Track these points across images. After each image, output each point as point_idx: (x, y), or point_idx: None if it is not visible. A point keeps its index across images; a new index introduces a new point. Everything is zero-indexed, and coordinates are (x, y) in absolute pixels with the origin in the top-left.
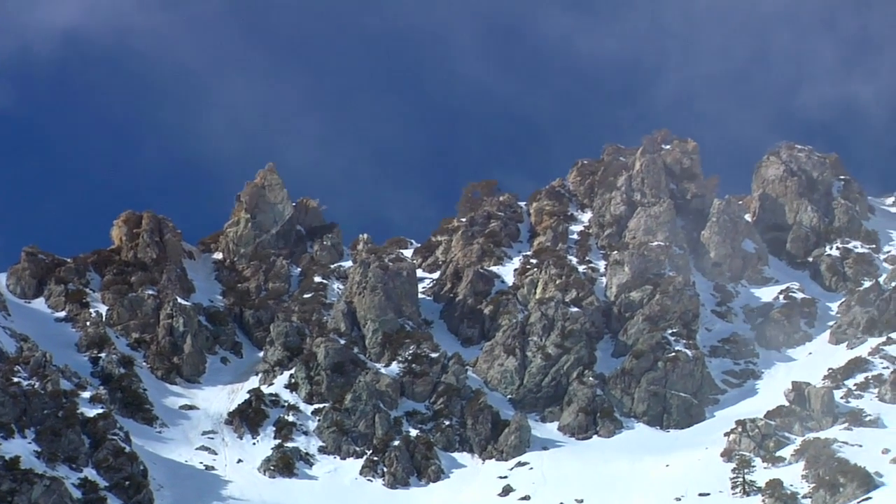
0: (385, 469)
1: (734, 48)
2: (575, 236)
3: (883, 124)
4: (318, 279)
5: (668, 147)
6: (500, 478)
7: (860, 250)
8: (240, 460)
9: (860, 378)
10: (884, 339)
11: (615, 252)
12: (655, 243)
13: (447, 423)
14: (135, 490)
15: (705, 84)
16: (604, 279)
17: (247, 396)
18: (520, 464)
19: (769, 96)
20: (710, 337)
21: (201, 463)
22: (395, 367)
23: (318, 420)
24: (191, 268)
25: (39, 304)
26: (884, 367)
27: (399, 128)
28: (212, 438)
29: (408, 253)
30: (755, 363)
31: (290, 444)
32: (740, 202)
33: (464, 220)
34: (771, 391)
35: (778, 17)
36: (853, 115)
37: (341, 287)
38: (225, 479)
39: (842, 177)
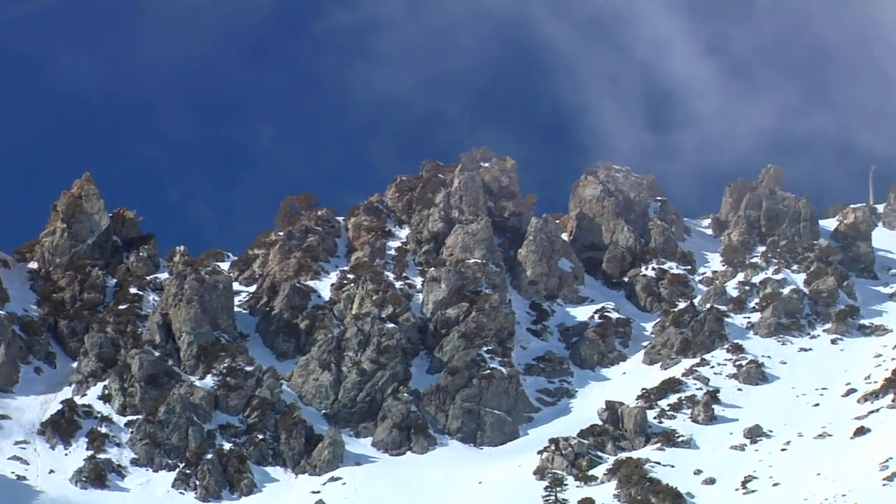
0: (197, 482)
1: None
2: (392, 252)
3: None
4: (133, 290)
5: (486, 165)
6: (313, 492)
7: (676, 271)
8: (52, 471)
9: (673, 399)
10: (697, 360)
11: (432, 269)
12: (472, 260)
13: (261, 436)
14: None
15: None
16: (420, 295)
17: (60, 407)
18: (333, 479)
19: None
20: (526, 355)
21: (13, 472)
22: (209, 380)
23: (132, 432)
24: (5, 277)
25: None
26: (697, 388)
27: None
28: (24, 448)
29: (224, 266)
30: (570, 382)
31: (102, 456)
32: (557, 221)
33: (281, 233)
34: (585, 410)
35: None
36: (669, 136)
37: (157, 299)
38: (37, 490)
39: (658, 198)
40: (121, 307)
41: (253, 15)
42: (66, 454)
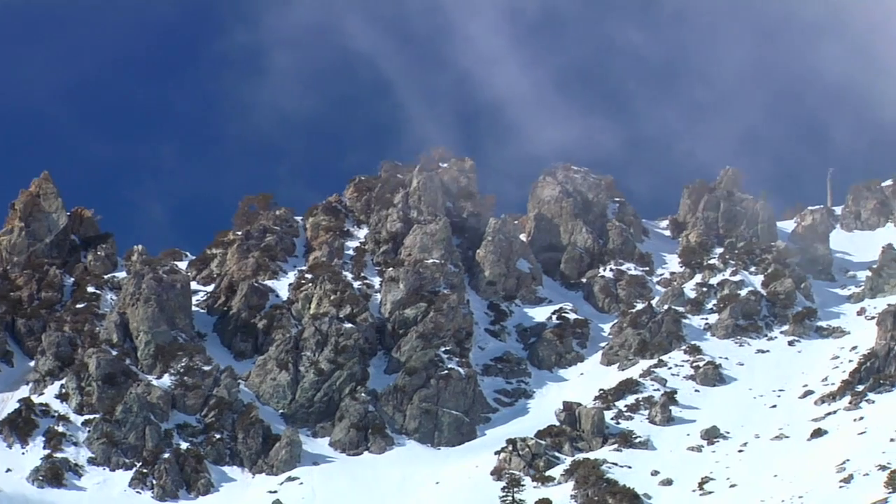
0: (154, 481)
1: None
2: (351, 252)
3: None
4: (91, 289)
5: (445, 165)
6: (270, 492)
7: (633, 272)
8: (9, 469)
9: (631, 399)
10: (655, 361)
11: (390, 269)
12: (431, 261)
13: (218, 436)
14: None
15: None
16: (378, 295)
17: (17, 405)
18: (290, 479)
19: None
20: (483, 356)
21: None
22: (166, 380)
23: (89, 431)
24: None
25: None
26: (654, 390)
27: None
28: None
29: (182, 265)
30: (527, 382)
31: (59, 455)
32: (516, 222)
33: (239, 233)
34: (542, 411)
35: None
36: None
37: (114, 298)
38: None
39: (617, 199)
40: (78, 306)
41: (155, 34)
42: (23, 453)
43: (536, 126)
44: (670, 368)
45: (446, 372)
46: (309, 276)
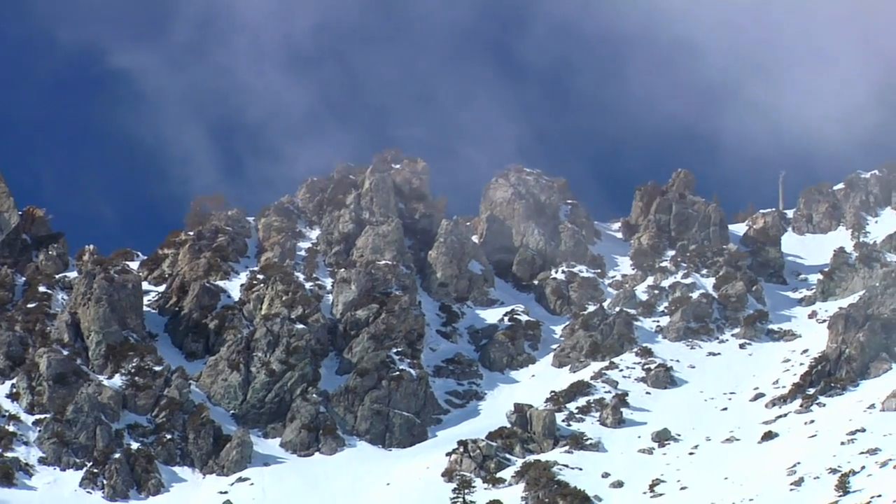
0: (105, 481)
1: None
2: (303, 253)
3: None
4: (42, 289)
5: (398, 166)
6: (221, 493)
7: (585, 274)
8: None
9: (582, 402)
10: (606, 363)
11: (342, 270)
12: (383, 262)
13: (169, 436)
14: None
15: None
16: (330, 296)
17: None
18: (241, 479)
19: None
20: (435, 357)
21: None
22: (117, 380)
23: (39, 430)
24: None
25: None
26: (606, 392)
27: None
28: None
29: (134, 265)
30: (479, 384)
31: (10, 454)
32: (468, 223)
33: (191, 233)
34: (493, 412)
35: None
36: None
37: (66, 297)
38: None
39: (569, 201)
40: (29, 305)
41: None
42: None
43: None
44: (622, 371)
45: (398, 373)
46: (261, 276)
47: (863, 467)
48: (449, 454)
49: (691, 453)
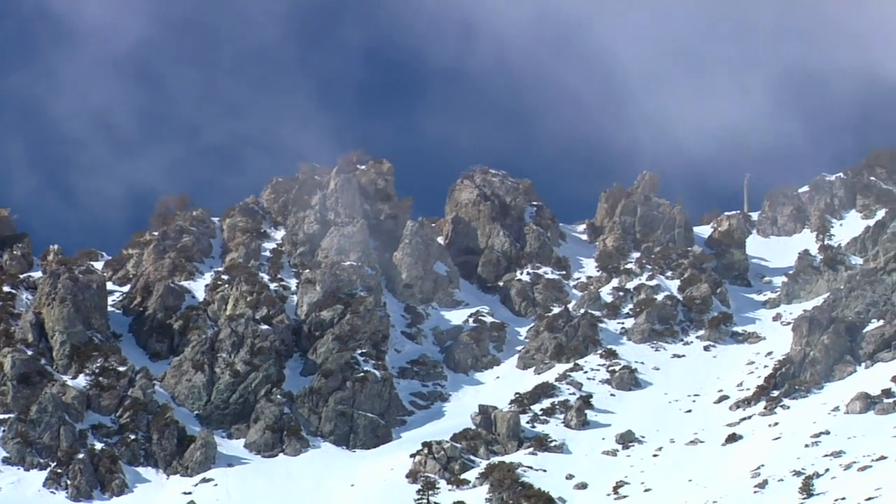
0: (69, 482)
1: None
2: (267, 254)
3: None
4: (6, 289)
5: (363, 167)
6: (185, 493)
7: (550, 276)
8: None
9: (546, 403)
10: (571, 365)
11: (307, 271)
12: (348, 263)
13: (133, 437)
14: None
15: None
16: (295, 297)
17: None
18: (205, 480)
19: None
20: (400, 358)
21: None
22: (82, 380)
23: (3, 430)
24: None
25: None
26: (570, 394)
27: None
28: None
29: (99, 265)
30: (443, 385)
31: None
32: (433, 225)
33: (156, 233)
34: (458, 414)
35: None
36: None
37: (30, 297)
38: None
39: (534, 202)
40: None
41: None
42: None
43: None
44: (586, 372)
45: (362, 374)
46: (225, 277)
47: (827, 470)
48: (413, 455)
49: (655, 455)
